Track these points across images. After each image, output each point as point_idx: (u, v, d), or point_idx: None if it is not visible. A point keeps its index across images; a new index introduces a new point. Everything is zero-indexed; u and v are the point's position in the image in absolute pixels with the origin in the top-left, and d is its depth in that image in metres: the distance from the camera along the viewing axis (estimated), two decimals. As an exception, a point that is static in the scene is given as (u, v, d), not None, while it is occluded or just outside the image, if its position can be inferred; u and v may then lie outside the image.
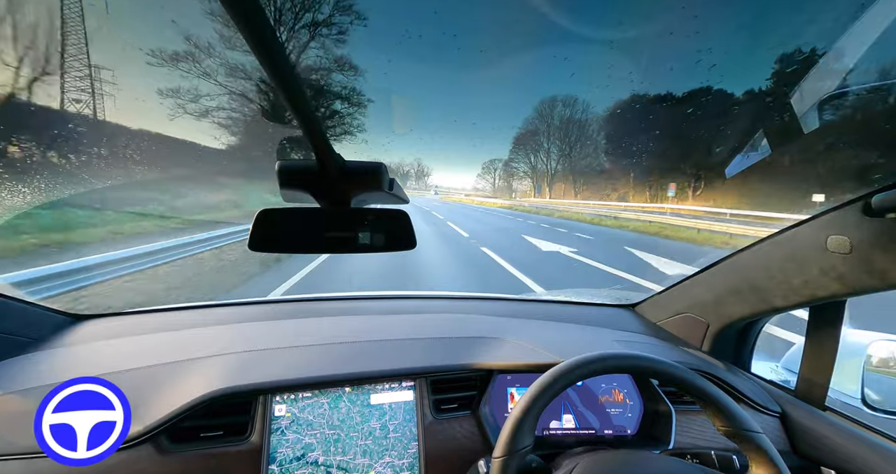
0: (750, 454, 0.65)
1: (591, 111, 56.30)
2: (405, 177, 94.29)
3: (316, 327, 1.21)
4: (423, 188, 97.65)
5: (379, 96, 42.81)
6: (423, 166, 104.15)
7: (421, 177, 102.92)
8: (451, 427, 0.94)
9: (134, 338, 1.11)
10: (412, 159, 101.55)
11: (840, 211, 0.81)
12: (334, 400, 0.91)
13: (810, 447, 0.97)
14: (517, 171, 65.09)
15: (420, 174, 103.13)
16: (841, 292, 0.85)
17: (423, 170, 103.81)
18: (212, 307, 1.39)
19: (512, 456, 0.62)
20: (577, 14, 68.55)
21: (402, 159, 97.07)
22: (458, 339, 1.13)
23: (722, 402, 0.67)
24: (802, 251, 0.89)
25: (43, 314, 1.13)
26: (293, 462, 0.85)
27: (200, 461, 0.81)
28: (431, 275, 6.19)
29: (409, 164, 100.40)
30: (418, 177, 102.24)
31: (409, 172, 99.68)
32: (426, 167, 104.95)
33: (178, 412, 0.80)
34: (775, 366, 1.25)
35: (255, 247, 0.60)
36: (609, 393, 1.04)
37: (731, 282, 1.11)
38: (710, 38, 66.98)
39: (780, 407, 1.05)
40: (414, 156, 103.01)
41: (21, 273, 3.78)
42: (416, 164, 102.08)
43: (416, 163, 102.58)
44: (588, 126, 57.22)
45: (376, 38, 78.99)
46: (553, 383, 0.67)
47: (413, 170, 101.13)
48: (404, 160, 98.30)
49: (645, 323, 1.43)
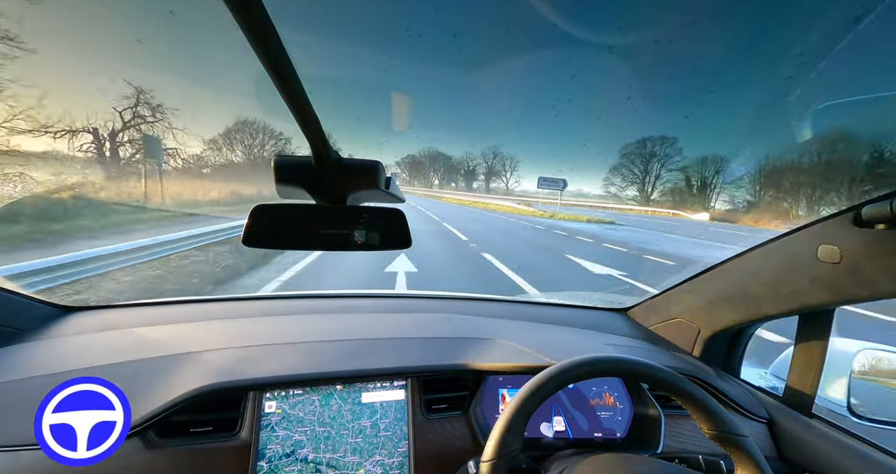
0: (735, 456, 0.66)
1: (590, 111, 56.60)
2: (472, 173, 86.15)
3: (308, 324, 1.21)
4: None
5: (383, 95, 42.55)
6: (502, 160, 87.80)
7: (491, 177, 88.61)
8: (442, 427, 0.94)
9: (124, 331, 1.10)
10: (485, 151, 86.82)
11: (831, 221, 0.82)
12: (325, 398, 0.91)
13: (796, 453, 0.98)
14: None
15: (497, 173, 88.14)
16: (830, 301, 0.86)
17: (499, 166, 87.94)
18: (203, 302, 1.38)
19: (501, 459, 0.62)
20: (580, 18, 68.95)
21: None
22: (451, 340, 1.14)
23: (708, 406, 0.68)
24: (793, 260, 0.91)
25: (31, 304, 1.11)
26: (282, 458, 0.85)
27: (189, 456, 0.80)
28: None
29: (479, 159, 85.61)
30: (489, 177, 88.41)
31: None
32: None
33: (167, 407, 0.79)
34: (764, 373, 1.26)
35: (248, 242, 0.60)
36: (599, 396, 1.04)
37: (723, 289, 1.13)
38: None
39: (768, 413, 1.06)
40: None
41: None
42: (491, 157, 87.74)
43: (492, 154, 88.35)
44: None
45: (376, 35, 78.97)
46: (543, 386, 0.68)
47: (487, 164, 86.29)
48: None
49: (637, 327, 1.44)
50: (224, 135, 32.60)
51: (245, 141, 30.00)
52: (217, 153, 31.73)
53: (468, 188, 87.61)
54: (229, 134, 32.77)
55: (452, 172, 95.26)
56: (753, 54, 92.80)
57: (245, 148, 31.33)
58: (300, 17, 76.56)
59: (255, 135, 32.27)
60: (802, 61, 8.62)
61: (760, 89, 65.29)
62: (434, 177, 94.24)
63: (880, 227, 0.73)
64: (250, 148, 30.83)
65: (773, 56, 66.32)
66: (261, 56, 0.36)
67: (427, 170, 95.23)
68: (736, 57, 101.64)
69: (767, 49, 79.06)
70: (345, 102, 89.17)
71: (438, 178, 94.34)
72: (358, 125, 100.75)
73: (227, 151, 31.83)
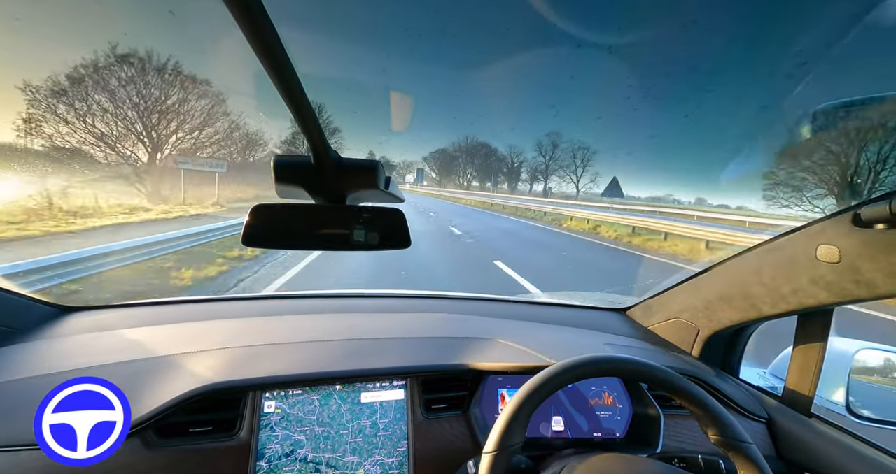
0: (738, 463, 0.66)
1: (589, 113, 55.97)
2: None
3: (307, 324, 1.21)
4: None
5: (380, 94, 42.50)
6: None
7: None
8: (441, 426, 0.94)
9: (123, 331, 1.10)
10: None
11: (830, 221, 0.82)
12: (325, 398, 0.91)
13: (795, 453, 0.98)
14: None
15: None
16: (829, 301, 0.86)
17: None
18: (203, 302, 1.38)
19: (502, 451, 0.62)
20: (580, 18, 68.86)
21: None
22: (450, 339, 1.14)
23: (712, 409, 0.68)
24: (792, 259, 0.91)
25: (28, 304, 1.11)
26: (282, 458, 0.85)
27: (188, 456, 0.80)
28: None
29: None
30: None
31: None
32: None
33: (166, 407, 0.79)
34: (763, 372, 1.27)
35: (248, 242, 0.60)
36: (599, 396, 1.04)
37: (722, 289, 1.13)
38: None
39: (767, 412, 1.06)
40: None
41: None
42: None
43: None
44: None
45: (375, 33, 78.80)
46: (544, 385, 0.68)
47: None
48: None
49: (636, 327, 1.44)
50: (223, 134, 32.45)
51: (242, 141, 29.93)
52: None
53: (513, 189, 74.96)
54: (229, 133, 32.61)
55: (491, 171, 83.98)
56: (753, 53, 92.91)
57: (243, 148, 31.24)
58: (299, 16, 76.58)
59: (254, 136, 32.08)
60: (802, 61, 8.59)
61: (760, 88, 65.45)
62: (469, 175, 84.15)
63: (879, 227, 0.73)
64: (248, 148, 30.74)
65: (772, 55, 66.41)
66: (260, 56, 0.36)
67: (462, 167, 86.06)
68: (736, 56, 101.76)
69: (767, 48, 79.16)
70: (345, 102, 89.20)
71: (478, 176, 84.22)
72: (358, 125, 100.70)
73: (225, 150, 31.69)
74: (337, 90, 72.03)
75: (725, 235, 10.68)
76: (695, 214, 23.39)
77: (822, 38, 9.51)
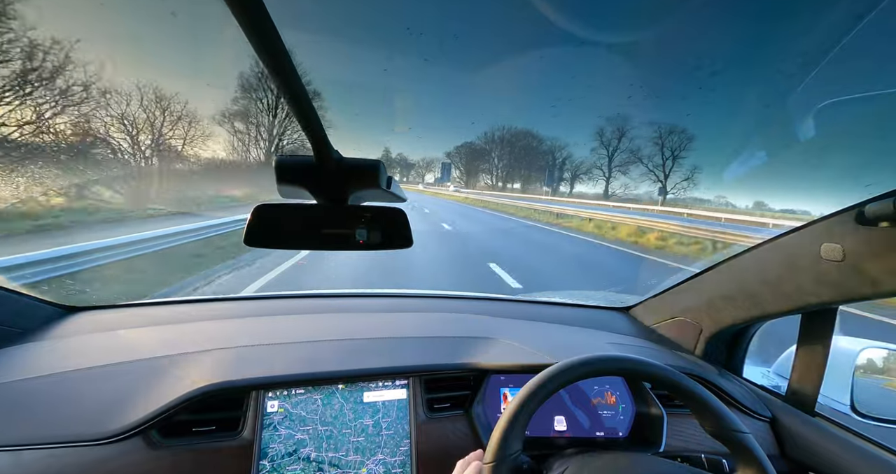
0: (737, 454, 0.66)
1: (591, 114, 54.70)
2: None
3: (310, 324, 1.21)
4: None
5: (379, 94, 42.32)
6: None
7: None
8: (444, 426, 0.94)
9: (126, 331, 1.10)
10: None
11: (833, 219, 0.81)
12: (327, 397, 0.91)
13: (799, 452, 0.98)
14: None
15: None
16: (833, 299, 0.86)
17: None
18: (206, 302, 1.38)
19: (502, 461, 0.62)
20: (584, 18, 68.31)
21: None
22: (453, 339, 1.13)
23: (710, 403, 0.68)
24: (796, 258, 0.90)
25: (32, 304, 1.12)
26: (285, 457, 0.85)
27: (191, 455, 0.81)
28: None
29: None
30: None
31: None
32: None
33: (169, 406, 0.80)
34: (767, 371, 1.26)
35: (250, 241, 0.60)
36: (601, 395, 1.04)
37: (725, 288, 1.12)
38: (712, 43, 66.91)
39: (771, 411, 1.06)
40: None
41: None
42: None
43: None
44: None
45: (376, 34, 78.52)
46: (545, 385, 0.67)
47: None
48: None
49: (638, 326, 1.43)
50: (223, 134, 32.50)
51: (243, 141, 29.92)
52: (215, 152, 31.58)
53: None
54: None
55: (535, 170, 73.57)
56: (755, 52, 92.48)
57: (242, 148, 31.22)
58: (300, 16, 76.59)
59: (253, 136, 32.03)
60: (805, 60, 8.57)
61: (763, 87, 64.96)
62: (495, 174, 76.38)
63: (883, 225, 0.72)
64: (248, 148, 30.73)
65: (775, 53, 66.10)
66: (261, 56, 0.36)
67: (493, 163, 78.39)
68: (737, 55, 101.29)
69: (769, 47, 78.79)
70: (345, 101, 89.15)
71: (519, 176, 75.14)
72: (358, 125, 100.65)
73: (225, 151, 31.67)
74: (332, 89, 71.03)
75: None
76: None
77: (826, 35, 9.53)
